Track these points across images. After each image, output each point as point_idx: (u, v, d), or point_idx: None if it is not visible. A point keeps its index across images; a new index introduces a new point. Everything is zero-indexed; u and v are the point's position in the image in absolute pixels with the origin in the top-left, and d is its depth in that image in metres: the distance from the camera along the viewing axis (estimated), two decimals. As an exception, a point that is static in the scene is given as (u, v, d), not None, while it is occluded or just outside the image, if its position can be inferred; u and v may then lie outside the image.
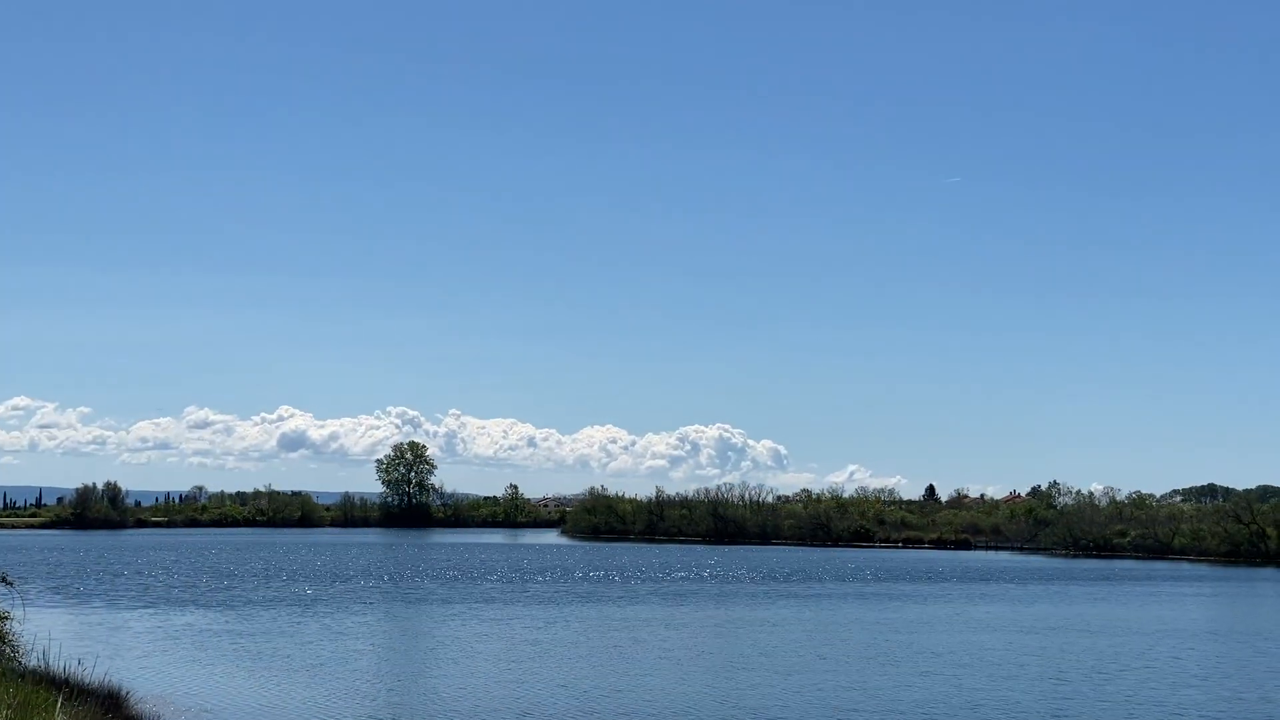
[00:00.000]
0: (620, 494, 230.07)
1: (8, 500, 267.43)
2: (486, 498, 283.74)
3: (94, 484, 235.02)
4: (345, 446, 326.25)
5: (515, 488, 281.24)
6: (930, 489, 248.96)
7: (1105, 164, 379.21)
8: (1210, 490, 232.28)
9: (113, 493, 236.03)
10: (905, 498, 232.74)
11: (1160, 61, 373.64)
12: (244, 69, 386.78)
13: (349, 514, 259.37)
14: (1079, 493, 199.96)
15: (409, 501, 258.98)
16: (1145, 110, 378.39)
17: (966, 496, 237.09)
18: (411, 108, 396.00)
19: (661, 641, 59.77)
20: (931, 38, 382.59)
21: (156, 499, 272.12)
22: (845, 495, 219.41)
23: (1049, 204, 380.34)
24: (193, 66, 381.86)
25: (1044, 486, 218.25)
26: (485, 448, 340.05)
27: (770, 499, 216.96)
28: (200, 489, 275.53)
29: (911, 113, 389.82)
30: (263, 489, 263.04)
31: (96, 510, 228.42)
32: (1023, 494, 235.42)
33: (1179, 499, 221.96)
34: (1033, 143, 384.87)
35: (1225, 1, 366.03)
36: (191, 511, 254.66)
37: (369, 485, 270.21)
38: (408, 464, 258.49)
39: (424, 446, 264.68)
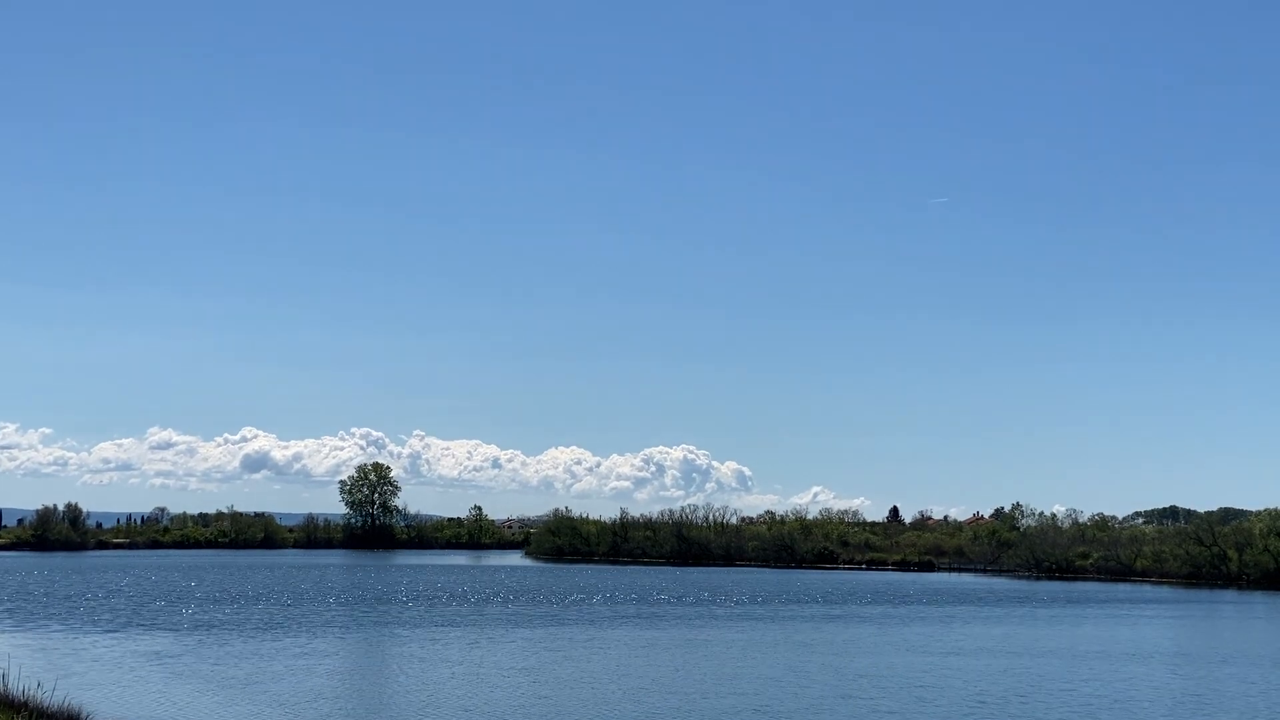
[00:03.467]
0: (584, 515, 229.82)
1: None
2: (450, 519, 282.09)
3: (55, 505, 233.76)
4: (309, 468, 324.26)
5: (479, 509, 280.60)
6: (894, 510, 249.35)
7: (1078, 191, 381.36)
8: (1172, 512, 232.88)
9: (74, 514, 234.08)
10: (869, 519, 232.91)
11: (1140, 91, 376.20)
12: (212, 88, 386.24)
13: (312, 535, 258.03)
14: (1042, 514, 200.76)
15: (372, 523, 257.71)
16: (1116, 143, 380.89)
17: (930, 518, 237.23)
18: (374, 128, 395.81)
19: (586, 663, 59.07)
20: (918, 58, 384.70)
21: (118, 520, 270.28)
22: (809, 517, 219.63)
23: (1015, 229, 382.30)
24: (160, 83, 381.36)
25: (1007, 508, 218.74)
26: (449, 469, 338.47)
27: (734, 521, 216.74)
28: (162, 510, 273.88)
29: (897, 133, 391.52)
30: (225, 510, 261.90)
31: (57, 532, 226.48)
32: (986, 516, 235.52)
33: (1141, 521, 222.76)
34: (1015, 167, 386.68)
35: (1207, 33, 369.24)
36: (153, 533, 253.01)
37: (332, 507, 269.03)
38: (371, 485, 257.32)
39: (388, 468, 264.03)
